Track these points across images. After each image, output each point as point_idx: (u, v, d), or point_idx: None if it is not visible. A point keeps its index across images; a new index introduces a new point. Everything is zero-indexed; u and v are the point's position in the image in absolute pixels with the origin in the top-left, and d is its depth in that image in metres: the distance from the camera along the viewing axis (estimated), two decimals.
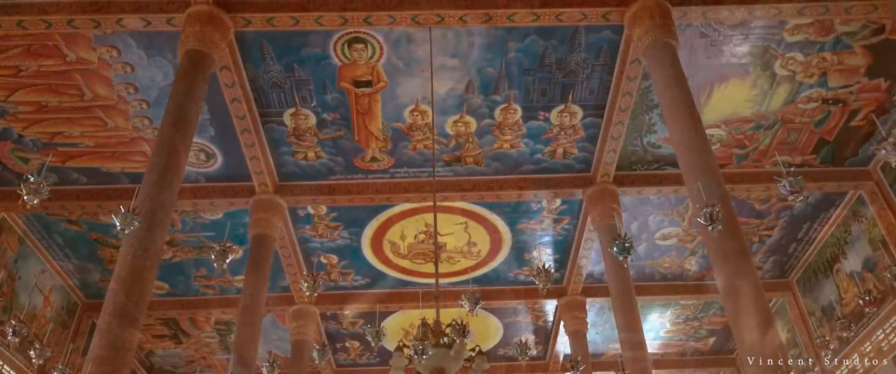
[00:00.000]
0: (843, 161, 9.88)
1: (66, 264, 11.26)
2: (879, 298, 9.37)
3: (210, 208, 10.21)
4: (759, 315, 6.07)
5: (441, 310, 6.98)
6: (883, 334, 9.92)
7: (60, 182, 9.53)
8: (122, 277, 6.32)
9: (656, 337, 14.06)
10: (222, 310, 12.35)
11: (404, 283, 12.24)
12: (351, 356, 14.62)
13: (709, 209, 4.74)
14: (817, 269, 11.45)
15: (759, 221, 10.98)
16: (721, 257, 6.39)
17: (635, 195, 10.18)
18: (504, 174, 9.90)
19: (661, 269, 12.11)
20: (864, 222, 10.15)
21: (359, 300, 12.41)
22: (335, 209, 10.55)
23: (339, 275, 11.99)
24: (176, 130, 7.12)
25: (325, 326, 13.43)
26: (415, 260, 11.78)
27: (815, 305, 11.59)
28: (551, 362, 14.61)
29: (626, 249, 4.89)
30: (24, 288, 10.42)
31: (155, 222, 6.59)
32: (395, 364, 6.79)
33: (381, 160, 9.67)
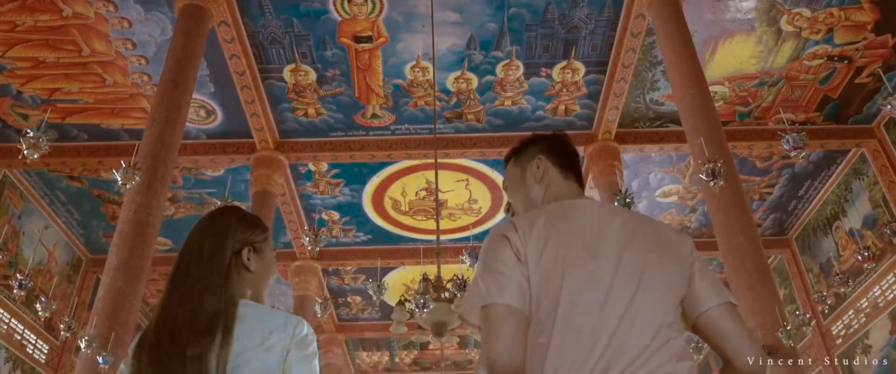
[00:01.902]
0: (846, 119, 9.83)
1: (69, 220, 11.33)
2: (878, 254, 9.42)
3: (211, 165, 10.21)
4: (758, 272, 6.13)
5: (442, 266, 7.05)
6: (880, 290, 10.02)
7: (61, 138, 9.51)
8: (125, 232, 6.37)
9: None
10: None
11: (405, 239, 12.32)
12: (353, 310, 14.81)
13: (710, 165, 4.73)
14: (817, 226, 11.50)
15: (760, 178, 10.98)
16: (721, 214, 6.43)
17: (637, 153, 10.17)
18: (505, 131, 9.87)
19: None
20: (865, 180, 10.15)
21: (360, 256, 12.51)
22: (336, 166, 10.56)
23: (340, 231, 12.06)
24: (175, 87, 7.09)
25: (327, 281, 13.58)
26: (416, 217, 11.84)
27: (813, 262, 11.68)
28: None
29: (627, 204, 4.90)
30: (29, 244, 10.50)
31: (156, 178, 6.62)
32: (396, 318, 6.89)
33: (381, 117, 9.63)
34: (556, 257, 1.38)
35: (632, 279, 1.38)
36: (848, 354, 10.88)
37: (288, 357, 1.54)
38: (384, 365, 17.60)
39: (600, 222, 1.46)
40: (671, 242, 1.49)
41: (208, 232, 1.67)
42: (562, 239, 1.40)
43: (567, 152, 1.71)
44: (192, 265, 1.62)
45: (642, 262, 1.41)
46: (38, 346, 10.83)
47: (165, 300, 1.58)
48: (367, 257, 12.41)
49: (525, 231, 1.41)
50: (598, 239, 1.42)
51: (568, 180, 1.66)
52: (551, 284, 1.36)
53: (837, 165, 10.58)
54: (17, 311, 10.30)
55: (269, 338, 1.54)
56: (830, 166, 10.67)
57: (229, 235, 1.67)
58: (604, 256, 1.40)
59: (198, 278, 1.59)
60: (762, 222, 11.93)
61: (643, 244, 1.44)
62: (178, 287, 1.59)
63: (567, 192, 1.63)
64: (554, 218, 1.45)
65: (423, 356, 17.09)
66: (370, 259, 12.27)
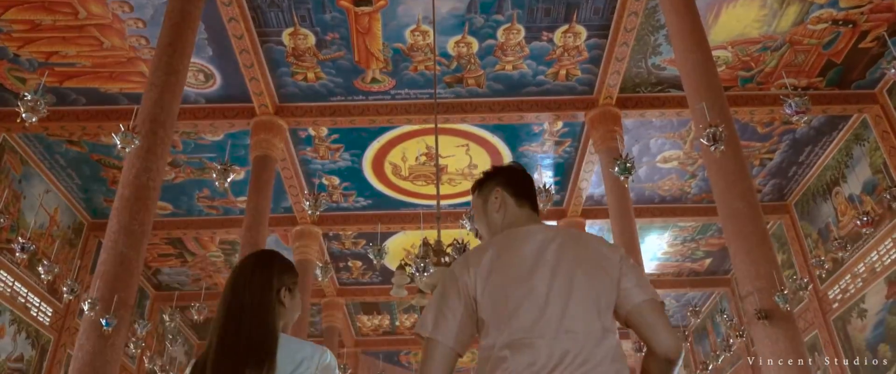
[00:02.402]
0: (849, 84, 9.77)
1: (69, 185, 11.34)
2: (876, 219, 9.45)
3: (211, 130, 10.18)
4: (757, 236, 6.15)
5: (442, 231, 7.08)
6: (877, 255, 10.08)
7: (59, 102, 9.46)
8: (126, 196, 6.38)
9: (653, 258, 14.29)
10: (226, 230, 12.52)
11: (406, 204, 12.35)
12: (353, 275, 14.92)
13: (712, 130, 4.72)
14: (816, 192, 11.51)
15: (760, 144, 10.96)
16: (721, 179, 6.43)
17: (638, 118, 10.13)
18: (506, 96, 9.82)
19: (660, 191, 12.18)
20: (866, 146, 10.13)
21: (360, 221, 12.56)
22: (336, 131, 10.53)
23: (340, 197, 12.09)
24: (173, 51, 7.03)
25: (328, 246, 13.65)
26: (416, 182, 11.85)
27: (812, 227, 11.72)
28: None
29: (628, 169, 4.90)
30: (30, 208, 10.52)
31: (156, 142, 6.60)
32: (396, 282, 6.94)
33: (381, 81, 9.57)
34: (499, 284, 1.71)
35: (564, 292, 1.67)
36: (844, 317, 11.00)
37: None
38: (385, 329, 17.81)
39: (541, 247, 1.76)
40: (600, 255, 1.76)
41: (257, 272, 1.97)
42: (505, 269, 1.73)
43: (521, 182, 2.01)
44: (246, 301, 1.91)
45: (572, 277, 1.70)
46: (41, 309, 10.94)
47: (222, 329, 1.87)
48: (367, 222, 12.45)
49: (474, 268, 1.75)
50: (536, 261, 1.73)
51: (522, 208, 1.96)
52: (498, 304, 1.68)
53: (839, 130, 10.55)
54: (21, 274, 10.38)
55: (300, 366, 1.87)
56: (831, 132, 10.64)
57: (274, 276, 1.98)
58: (540, 275, 1.70)
59: (252, 313, 1.88)
60: (762, 188, 11.94)
61: (574, 262, 1.73)
62: (234, 318, 1.88)
63: (520, 218, 1.93)
64: (500, 250, 1.79)
65: None
66: (370, 224, 12.32)
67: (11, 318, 10.19)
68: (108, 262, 6.14)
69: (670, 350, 1.67)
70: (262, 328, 1.86)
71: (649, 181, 11.85)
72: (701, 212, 12.44)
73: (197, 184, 11.60)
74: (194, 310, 6.51)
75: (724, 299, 15.51)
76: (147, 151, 6.50)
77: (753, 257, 6.04)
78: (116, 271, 6.06)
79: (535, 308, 1.64)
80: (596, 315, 1.65)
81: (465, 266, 1.77)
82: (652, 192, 12.17)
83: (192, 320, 15.35)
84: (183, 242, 13.33)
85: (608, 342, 1.64)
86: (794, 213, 12.22)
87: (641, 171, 11.43)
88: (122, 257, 6.14)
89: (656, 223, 12.89)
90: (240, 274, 1.97)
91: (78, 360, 5.74)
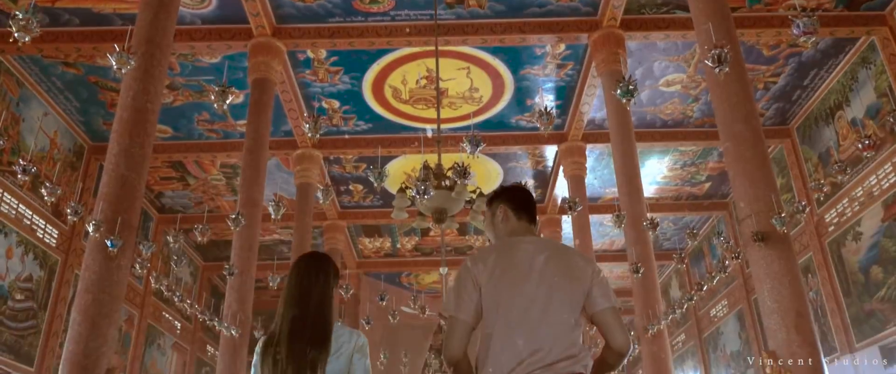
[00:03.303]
0: (858, 6, 9.54)
1: (68, 107, 11.27)
2: (878, 143, 9.43)
3: (208, 52, 10.02)
4: (757, 160, 6.16)
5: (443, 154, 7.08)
6: (876, 179, 10.12)
7: (52, 22, 9.28)
8: (125, 119, 6.36)
9: (653, 182, 14.36)
10: (227, 154, 12.52)
11: (406, 128, 12.30)
12: (354, 198, 15.04)
13: (717, 51, 4.64)
14: (819, 116, 11.45)
15: (765, 67, 10.81)
16: (724, 102, 6.38)
17: (642, 40, 9.95)
18: (508, 17, 9.61)
19: (662, 115, 12.11)
20: (872, 70, 9.99)
21: (361, 145, 12.54)
22: (335, 53, 10.36)
23: (340, 120, 12.03)
24: None
25: (329, 169, 13.69)
26: (416, 105, 11.76)
27: (812, 151, 11.72)
28: (549, 205, 15.06)
29: (630, 92, 4.85)
30: (29, 131, 10.49)
31: (153, 64, 6.52)
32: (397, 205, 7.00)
33: (381, 2, 9.35)
34: (499, 282, 2.26)
35: (546, 294, 2.22)
36: (838, 241, 11.15)
37: (352, 360, 2.44)
38: (386, 251, 18.09)
39: (532, 256, 2.30)
40: (577, 267, 2.30)
41: (321, 275, 2.52)
42: (503, 270, 2.28)
43: (522, 199, 2.53)
44: (313, 298, 2.45)
45: (553, 284, 2.24)
46: (47, 231, 11.08)
47: (293, 317, 2.41)
48: (368, 145, 12.44)
49: (482, 264, 2.31)
50: (528, 268, 2.27)
51: (521, 220, 2.48)
52: (495, 298, 2.24)
53: (845, 53, 10.39)
54: (25, 197, 10.46)
55: (341, 347, 2.44)
56: (838, 55, 10.47)
57: (331, 279, 2.53)
58: (530, 279, 2.25)
59: (317, 308, 2.44)
60: (765, 112, 11.87)
61: (556, 271, 2.27)
62: (302, 310, 2.43)
63: (518, 229, 2.46)
64: (501, 254, 2.33)
65: (424, 243, 17.53)
66: (371, 148, 12.31)
67: (18, 240, 10.34)
68: (109, 184, 6.17)
69: (622, 346, 2.26)
70: (323, 319, 2.43)
71: (651, 105, 11.76)
72: (702, 136, 12.40)
73: (196, 107, 11.52)
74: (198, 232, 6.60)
75: (722, 222, 15.68)
76: (144, 73, 6.42)
77: (753, 181, 6.07)
78: (119, 194, 6.10)
79: (523, 307, 2.20)
80: (569, 313, 2.22)
81: (475, 262, 2.33)
82: (654, 116, 12.10)
83: (195, 241, 15.59)
84: (184, 165, 13.37)
85: (575, 333, 2.22)
86: (796, 137, 12.19)
87: (644, 94, 11.33)
88: (124, 179, 6.17)
89: (657, 147, 12.88)
90: (305, 274, 2.50)
91: (85, 280, 5.86)
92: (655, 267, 9.40)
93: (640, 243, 9.05)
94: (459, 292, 2.30)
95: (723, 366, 16.36)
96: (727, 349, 16.08)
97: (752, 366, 14.71)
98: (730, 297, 15.83)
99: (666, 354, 8.74)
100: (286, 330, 2.39)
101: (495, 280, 2.26)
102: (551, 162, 13.72)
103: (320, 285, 2.49)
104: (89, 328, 5.63)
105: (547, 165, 13.89)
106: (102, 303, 5.74)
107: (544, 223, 15.52)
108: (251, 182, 9.71)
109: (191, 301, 7.30)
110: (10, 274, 10.16)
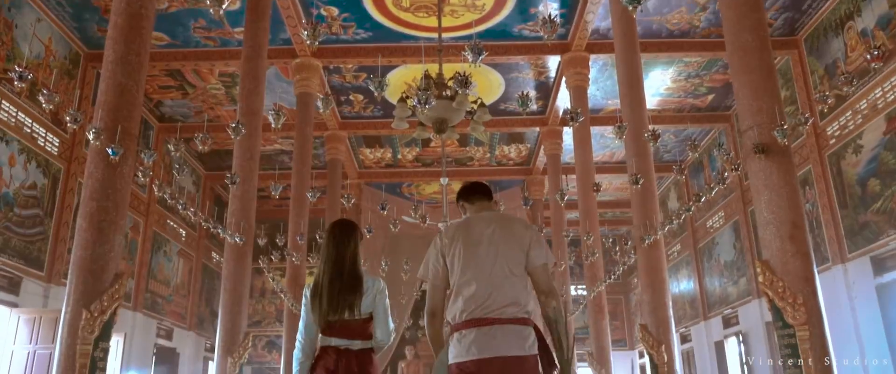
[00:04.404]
0: None
1: (60, 13, 11.01)
2: (886, 54, 9.28)
3: None
4: (762, 71, 6.08)
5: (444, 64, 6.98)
6: (881, 91, 10.02)
7: None
8: (120, 25, 6.24)
9: (656, 94, 14.23)
10: (225, 62, 12.34)
11: (407, 37, 12.07)
12: (355, 108, 14.95)
13: None
14: (828, 27, 11.20)
15: None
16: (733, 11, 6.23)
17: None
18: None
19: (668, 25, 11.84)
20: None
21: (361, 54, 12.34)
22: None
23: (340, 28, 11.78)
24: None
25: (329, 79, 13.53)
26: (417, 14, 11.48)
27: (819, 64, 11.54)
28: (550, 116, 14.99)
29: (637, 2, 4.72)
30: (23, 38, 10.30)
31: None
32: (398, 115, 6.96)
33: None
34: (458, 249, 2.89)
35: (493, 255, 2.85)
36: (838, 153, 11.16)
37: (375, 300, 3.24)
38: (387, 161, 18.16)
39: (483, 229, 2.93)
40: (518, 234, 2.92)
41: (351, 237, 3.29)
42: (463, 240, 2.91)
43: (471, 191, 3.17)
44: (347, 256, 3.24)
45: (499, 247, 2.87)
46: (48, 139, 11.08)
47: (333, 270, 3.20)
48: (368, 54, 12.24)
49: (447, 239, 2.96)
50: (479, 237, 2.90)
51: (475, 204, 3.13)
52: (456, 260, 2.88)
53: None
54: (23, 104, 10.40)
55: (368, 291, 3.23)
56: None
57: (357, 239, 3.31)
58: (481, 245, 2.88)
59: (351, 263, 3.23)
60: (773, 22, 11.60)
61: (501, 238, 2.89)
62: (339, 265, 3.22)
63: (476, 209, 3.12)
64: (459, 229, 2.97)
65: (425, 154, 17.57)
66: (371, 57, 12.12)
67: (20, 147, 10.36)
68: (107, 93, 6.12)
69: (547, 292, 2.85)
70: (356, 271, 3.23)
71: (657, 14, 11.48)
72: (708, 47, 12.18)
73: (191, 14, 11.25)
74: (198, 141, 6.60)
75: (723, 134, 15.66)
76: None
77: (757, 92, 6.01)
78: (117, 102, 6.06)
79: (476, 266, 2.83)
80: (512, 268, 2.83)
81: (441, 237, 2.99)
82: (660, 25, 11.83)
83: (196, 151, 15.64)
84: (182, 74, 13.21)
85: (519, 285, 2.83)
86: (803, 48, 11.97)
87: (650, 3, 11.04)
88: (122, 87, 6.12)
89: (661, 58, 12.68)
90: (339, 240, 3.26)
91: (89, 188, 5.91)
92: (654, 179, 9.46)
93: (641, 154, 9.06)
94: (428, 262, 2.97)
95: (716, 275, 16.77)
96: (721, 258, 16.43)
97: (745, 275, 15.08)
98: (727, 208, 16.01)
99: (661, 264, 8.93)
100: (328, 282, 3.17)
101: (455, 248, 2.88)
102: (554, 73, 13.54)
103: (351, 248, 3.25)
104: (95, 234, 5.73)
105: (549, 76, 13.72)
106: (107, 210, 5.81)
107: (545, 135, 15.50)
108: (250, 91, 9.63)
109: (194, 210, 7.38)
110: (15, 182, 10.24)
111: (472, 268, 2.81)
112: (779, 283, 5.39)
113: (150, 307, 15.11)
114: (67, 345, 5.42)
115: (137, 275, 14.54)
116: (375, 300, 3.23)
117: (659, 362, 8.23)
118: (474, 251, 2.84)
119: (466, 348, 2.71)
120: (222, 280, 9.14)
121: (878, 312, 10.13)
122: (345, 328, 3.16)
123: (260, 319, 20.47)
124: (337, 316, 3.15)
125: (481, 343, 2.68)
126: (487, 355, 2.67)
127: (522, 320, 2.76)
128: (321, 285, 3.17)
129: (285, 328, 12.42)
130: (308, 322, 3.22)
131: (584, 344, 17.43)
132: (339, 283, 3.16)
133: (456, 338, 2.77)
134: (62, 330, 5.50)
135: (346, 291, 3.15)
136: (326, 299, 3.14)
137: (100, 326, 5.49)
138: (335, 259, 3.20)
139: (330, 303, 3.13)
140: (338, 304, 3.14)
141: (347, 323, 3.16)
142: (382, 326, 3.26)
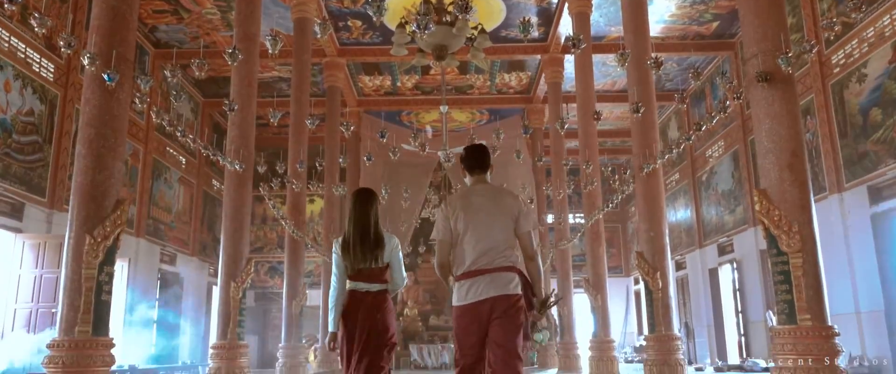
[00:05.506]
0: None
1: None
2: None
3: None
4: None
5: None
6: (889, 19, 9.82)
7: None
8: None
9: (660, 21, 13.97)
10: None
11: None
12: (353, 35, 14.69)
13: None
14: None
15: None
16: None
17: None
18: None
19: None
20: None
21: None
22: None
23: None
24: None
25: (326, 3, 13.24)
26: None
27: None
28: (552, 44, 14.75)
29: None
30: None
31: None
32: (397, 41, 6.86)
33: None
34: (462, 215, 3.49)
35: (489, 222, 3.47)
36: (842, 82, 11.05)
37: (391, 254, 4.14)
38: (386, 89, 17.99)
39: (479, 200, 3.54)
40: (507, 204, 3.54)
41: (372, 202, 4.18)
42: (463, 208, 3.52)
43: (474, 165, 3.72)
44: (370, 216, 4.12)
45: (492, 215, 3.49)
46: (43, 64, 10.94)
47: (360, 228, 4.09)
48: None
49: (451, 207, 3.55)
50: (477, 207, 3.51)
51: (473, 174, 3.71)
52: (459, 225, 3.49)
53: None
54: (16, 29, 10.21)
55: (386, 247, 4.11)
56: None
57: (376, 203, 4.21)
58: (479, 212, 3.49)
59: (374, 223, 4.13)
60: None
61: (494, 208, 3.51)
62: (365, 224, 4.10)
63: (473, 180, 3.70)
64: (462, 198, 3.58)
65: (425, 81, 17.38)
66: None
67: (15, 73, 10.24)
68: (100, 17, 6.00)
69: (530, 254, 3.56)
70: (378, 229, 4.13)
71: None
72: None
73: None
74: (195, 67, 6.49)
75: (726, 62, 15.46)
76: None
77: (763, 19, 5.88)
78: (111, 26, 5.95)
79: (475, 229, 3.46)
80: (504, 232, 3.48)
81: (447, 205, 3.58)
82: None
83: (193, 77, 15.47)
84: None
85: (509, 244, 3.48)
86: None
87: None
88: (115, 10, 5.99)
89: None
90: (363, 204, 4.14)
91: (86, 114, 5.87)
92: (656, 107, 9.39)
93: (642, 82, 8.97)
94: (439, 225, 3.56)
95: (713, 204, 16.90)
96: (719, 188, 16.52)
97: (741, 204, 15.20)
98: (727, 138, 15.99)
99: (659, 192, 8.98)
100: (358, 238, 4.06)
101: (459, 215, 3.50)
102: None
103: (373, 210, 4.15)
104: (94, 161, 5.73)
105: (552, 2, 13.43)
106: (105, 137, 5.80)
107: (546, 63, 15.29)
108: (246, 16, 9.44)
109: (193, 136, 7.35)
110: (11, 108, 10.17)
111: (471, 230, 3.46)
112: (775, 211, 5.43)
113: (152, 233, 15.30)
114: (72, 270, 5.51)
115: (139, 202, 14.65)
116: (392, 254, 4.15)
117: (653, 288, 8.40)
118: (474, 218, 3.48)
119: (465, 294, 3.42)
120: (223, 207, 9.20)
121: (871, 240, 10.26)
122: (369, 274, 4.08)
123: (261, 245, 20.75)
124: (364, 265, 4.05)
125: (477, 289, 3.40)
126: (481, 298, 3.39)
127: (508, 267, 3.44)
128: (351, 242, 4.06)
129: (286, 253, 12.61)
130: (340, 270, 4.09)
131: (580, 271, 17.74)
132: (368, 240, 4.05)
133: (457, 286, 3.47)
134: (67, 255, 5.58)
135: (372, 246, 4.05)
136: (357, 253, 4.04)
137: (103, 251, 5.56)
138: (361, 222, 4.09)
139: (359, 255, 4.04)
140: (364, 256, 4.04)
141: (371, 270, 4.08)
142: (397, 273, 4.22)
